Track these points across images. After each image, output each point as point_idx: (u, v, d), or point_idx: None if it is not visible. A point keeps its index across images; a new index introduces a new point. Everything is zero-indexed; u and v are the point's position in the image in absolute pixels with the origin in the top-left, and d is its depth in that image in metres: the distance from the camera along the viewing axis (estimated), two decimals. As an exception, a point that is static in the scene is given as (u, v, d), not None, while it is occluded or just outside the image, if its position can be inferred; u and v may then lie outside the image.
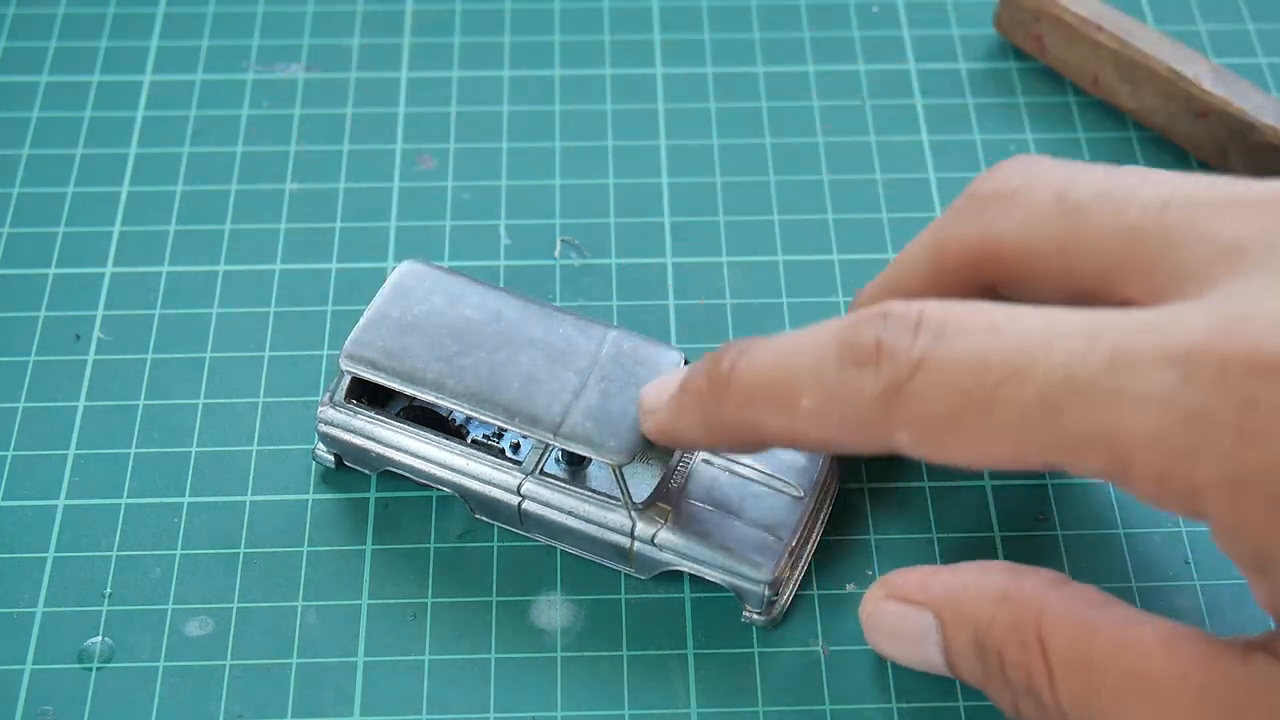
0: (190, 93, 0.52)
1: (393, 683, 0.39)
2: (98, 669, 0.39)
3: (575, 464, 0.40)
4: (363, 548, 0.41)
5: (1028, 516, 0.42)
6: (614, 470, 0.39)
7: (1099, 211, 0.33)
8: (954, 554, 0.41)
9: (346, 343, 0.40)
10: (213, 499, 0.42)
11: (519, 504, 0.40)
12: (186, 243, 0.48)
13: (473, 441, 0.41)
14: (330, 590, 0.41)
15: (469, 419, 0.42)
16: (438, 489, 0.42)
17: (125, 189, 0.49)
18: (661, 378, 0.38)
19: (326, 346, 0.46)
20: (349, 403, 0.41)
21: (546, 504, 0.40)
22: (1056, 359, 0.30)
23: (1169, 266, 0.31)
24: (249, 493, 0.42)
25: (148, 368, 0.45)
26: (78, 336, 0.46)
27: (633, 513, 0.39)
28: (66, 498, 0.42)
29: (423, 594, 0.41)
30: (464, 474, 0.41)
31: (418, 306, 0.40)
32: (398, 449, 0.41)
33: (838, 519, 0.42)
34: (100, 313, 0.46)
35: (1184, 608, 0.40)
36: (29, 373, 0.45)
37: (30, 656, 0.39)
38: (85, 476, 0.43)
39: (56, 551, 0.41)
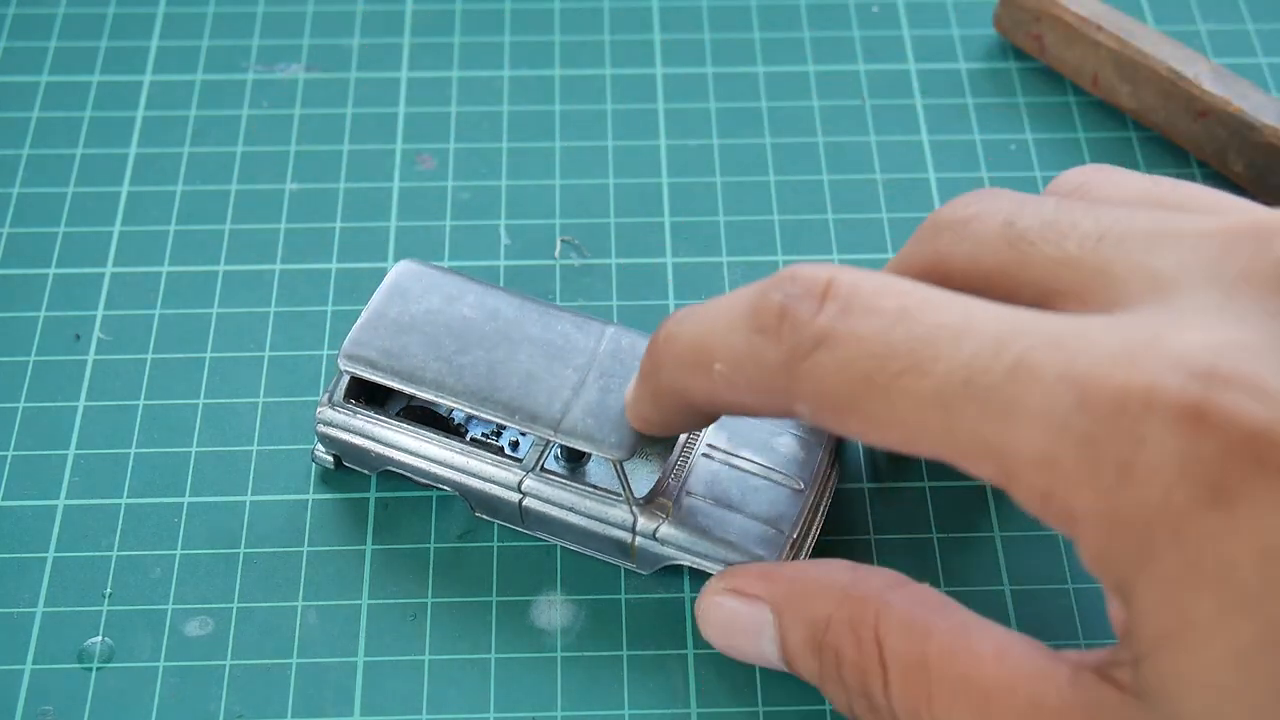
0: (190, 93, 0.52)
1: (393, 683, 0.39)
2: (98, 669, 0.39)
3: (575, 460, 0.40)
4: (363, 548, 0.41)
5: (1027, 516, 0.42)
6: (615, 466, 0.39)
7: (1041, 240, 0.33)
8: (954, 554, 0.41)
9: (345, 343, 0.40)
10: (213, 499, 0.42)
11: (520, 501, 0.40)
12: (186, 243, 0.48)
13: (472, 440, 0.41)
14: (330, 590, 0.41)
15: (469, 417, 0.42)
16: (438, 488, 0.42)
17: (125, 189, 0.49)
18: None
19: (326, 346, 0.46)
20: (348, 403, 0.41)
21: (547, 501, 0.40)
22: (959, 358, 0.30)
23: (1101, 295, 0.31)
24: (249, 493, 0.42)
25: (148, 368, 0.45)
26: (78, 336, 0.46)
27: (634, 508, 0.39)
28: (66, 498, 0.42)
29: (423, 594, 0.41)
30: (464, 472, 0.41)
31: (415, 306, 0.40)
32: (397, 448, 0.41)
33: (838, 519, 0.42)
34: (100, 313, 0.46)
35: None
36: (29, 373, 0.45)
37: (30, 656, 0.39)
38: (85, 476, 0.43)
39: (56, 551, 0.41)
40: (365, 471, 0.42)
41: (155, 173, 0.50)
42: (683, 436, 0.40)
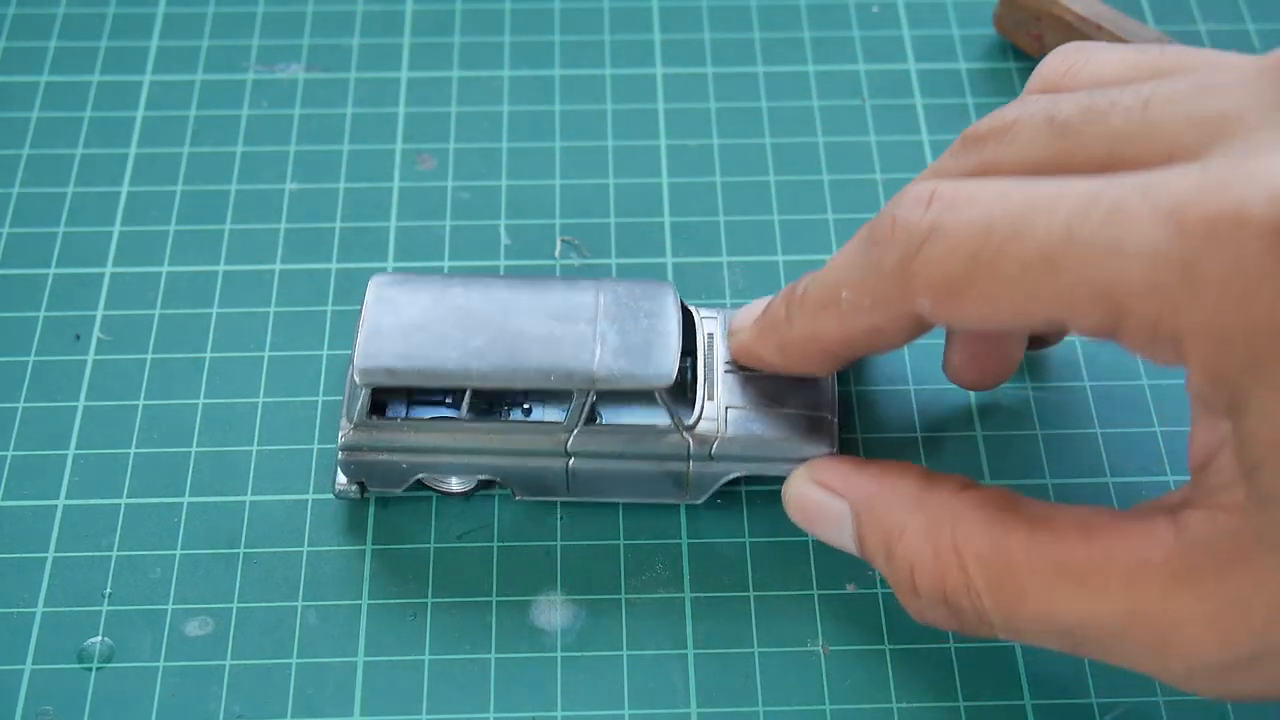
0: (190, 93, 0.52)
1: (393, 683, 0.39)
2: (98, 669, 0.39)
3: (614, 406, 0.41)
4: (363, 548, 0.41)
5: (1028, 516, 0.42)
6: (659, 395, 0.39)
7: (1087, 124, 0.34)
8: (954, 554, 0.41)
9: (356, 360, 0.39)
10: (213, 499, 0.42)
11: (568, 465, 0.40)
12: (186, 243, 0.48)
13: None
14: (330, 590, 0.41)
15: (490, 407, 0.42)
16: (474, 490, 0.41)
17: (125, 189, 0.49)
18: (747, 306, 0.41)
19: (326, 346, 0.46)
20: (372, 419, 0.40)
21: (596, 455, 0.40)
22: (1058, 218, 0.31)
23: (1164, 152, 0.32)
24: (249, 493, 0.42)
25: (148, 368, 0.45)
26: (78, 336, 0.46)
27: (685, 433, 0.40)
28: (66, 498, 0.42)
29: (423, 594, 0.41)
30: (506, 453, 0.40)
31: (408, 310, 0.40)
32: (432, 451, 0.40)
33: (838, 519, 0.42)
34: (100, 313, 0.46)
35: (1184, 608, 0.40)
36: (29, 373, 0.45)
37: (30, 656, 0.39)
38: (85, 476, 0.43)
39: (56, 551, 0.41)
40: (391, 491, 0.42)
41: (155, 173, 0.50)
42: (704, 355, 0.41)
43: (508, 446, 0.40)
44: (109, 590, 0.41)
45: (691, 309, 0.42)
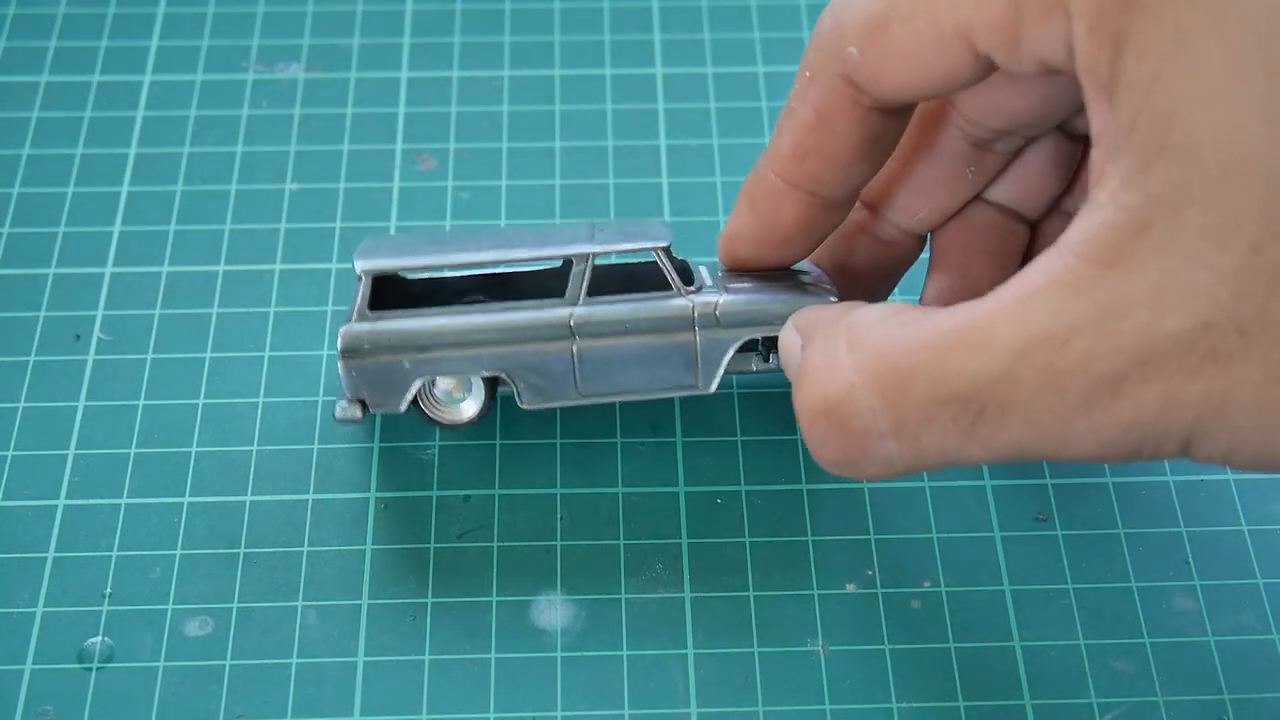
0: (190, 93, 0.52)
1: (393, 683, 0.39)
2: (98, 669, 0.39)
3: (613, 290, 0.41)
4: (363, 548, 0.41)
5: (1028, 516, 0.42)
6: (659, 257, 0.40)
7: None
8: (954, 553, 0.41)
9: (356, 252, 0.40)
10: (213, 499, 0.42)
11: (574, 348, 0.40)
12: (186, 243, 0.48)
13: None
14: (330, 590, 0.41)
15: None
16: (480, 413, 0.41)
17: (125, 189, 0.49)
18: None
19: (326, 346, 0.46)
20: (373, 313, 0.40)
21: (600, 331, 0.40)
22: None
23: None
24: (249, 493, 0.42)
25: (148, 368, 0.45)
26: (78, 336, 0.46)
27: (689, 296, 0.40)
28: (66, 498, 0.42)
29: (423, 594, 0.41)
30: (511, 339, 0.40)
31: (402, 243, 0.41)
32: (435, 346, 0.40)
33: (839, 521, 0.42)
34: (100, 313, 0.46)
35: (1184, 608, 0.40)
36: (29, 373, 0.45)
37: (30, 656, 0.39)
38: (85, 476, 0.43)
39: (56, 551, 0.41)
40: (392, 409, 0.41)
41: (155, 173, 0.50)
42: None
43: (511, 331, 0.40)
44: (109, 590, 0.41)
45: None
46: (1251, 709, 0.39)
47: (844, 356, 0.33)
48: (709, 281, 0.41)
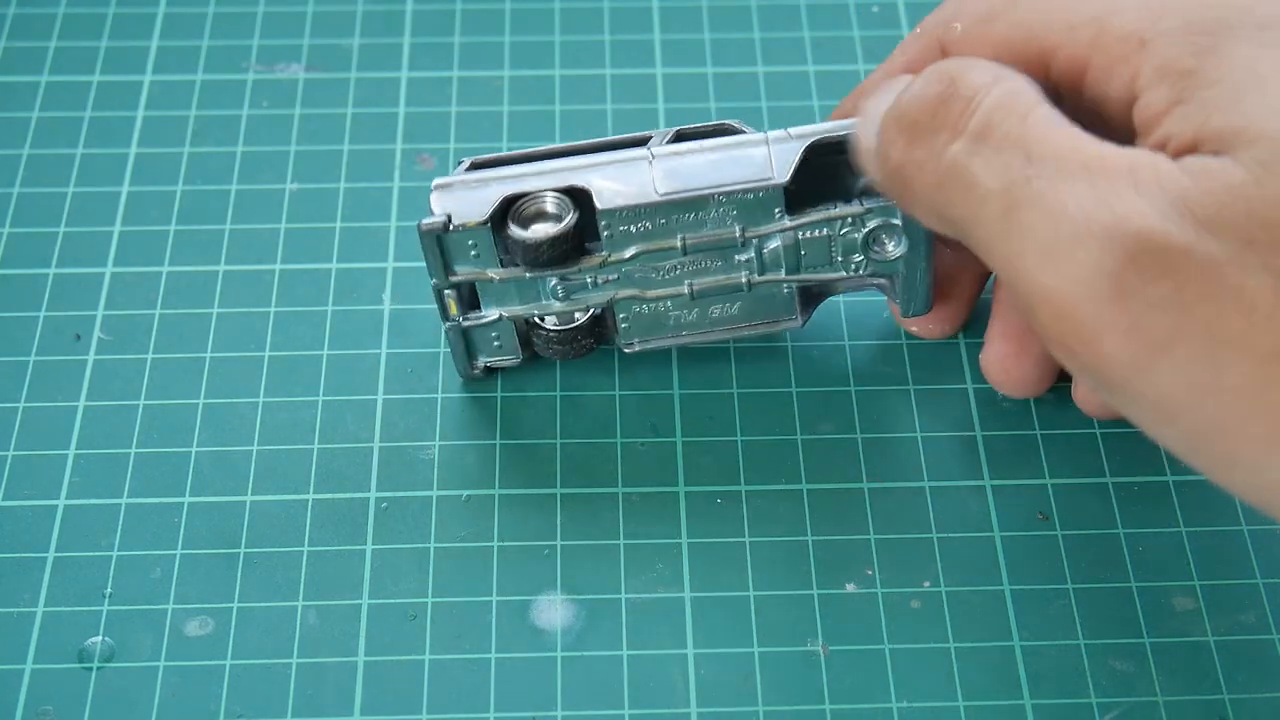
0: (190, 93, 0.52)
1: (393, 683, 0.39)
2: (98, 669, 0.39)
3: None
4: (363, 547, 0.41)
5: (1028, 516, 0.42)
6: (736, 124, 0.40)
7: None
8: (954, 554, 0.41)
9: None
10: (213, 499, 0.42)
11: (651, 157, 0.40)
12: (186, 243, 0.48)
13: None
14: (330, 590, 0.41)
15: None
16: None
17: (125, 189, 0.49)
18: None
19: (326, 346, 0.46)
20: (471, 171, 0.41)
21: (682, 169, 0.40)
22: None
23: None
24: (249, 493, 0.42)
25: (148, 368, 0.45)
26: (78, 336, 0.46)
27: (763, 131, 0.40)
28: (66, 498, 0.42)
29: (423, 594, 0.41)
30: (595, 162, 0.40)
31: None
32: (524, 172, 0.41)
33: (839, 516, 0.42)
34: (100, 313, 0.46)
35: (1184, 608, 0.40)
36: (29, 373, 0.45)
37: (30, 656, 0.39)
38: (85, 476, 0.43)
39: (56, 551, 0.41)
40: (477, 219, 0.40)
41: (155, 173, 0.50)
42: None
43: (595, 159, 0.40)
44: (109, 590, 0.41)
45: None
46: (1251, 709, 0.39)
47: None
48: None
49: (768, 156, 0.40)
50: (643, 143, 0.41)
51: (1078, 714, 0.39)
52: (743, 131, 0.40)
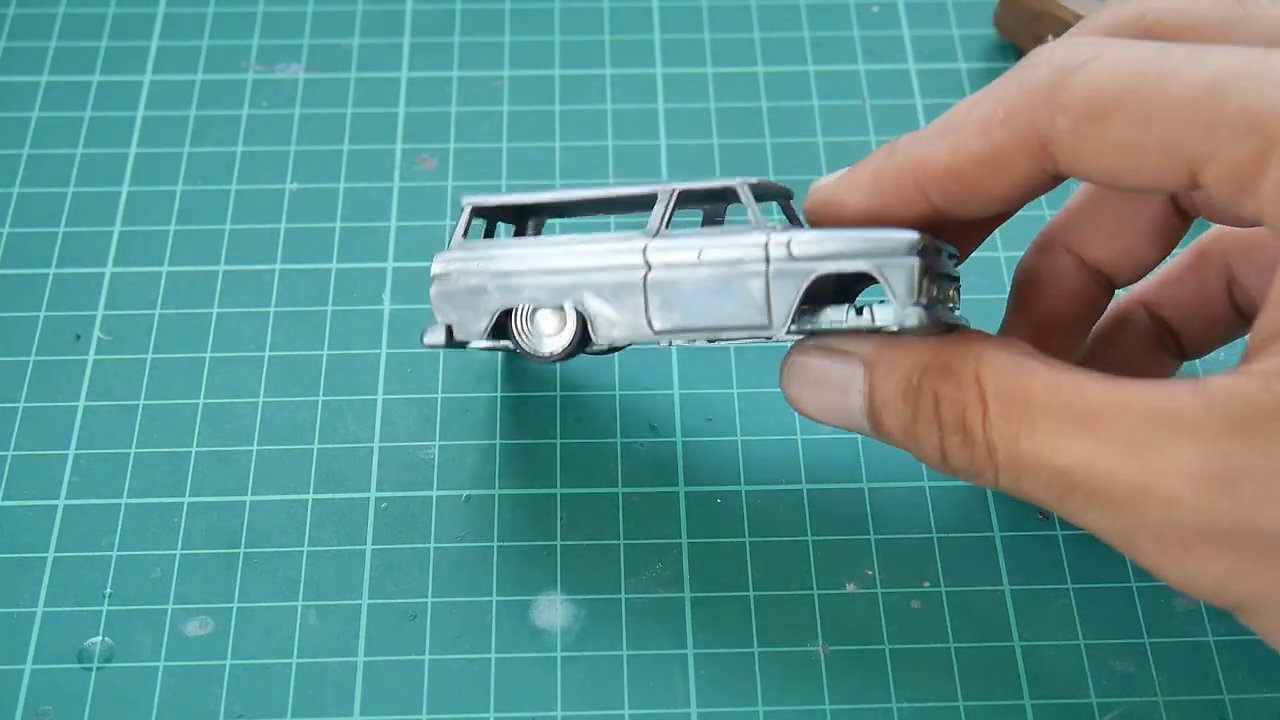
0: (190, 93, 0.52)
1: (393, 683, 0.39)
2: (98, 669, 0.39)
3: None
4: (363, 547, 0.41)
5: (1028, 516, 0.42)
6: (741, 191, 0.39)
7: (1270, 3, 0.34)
8: (954, 554, 0.41)
9: (463, 199, 0.41)
10: (213, 499, 0.42)
11: (645, 276, 0.39)
12: (186, 243, 0.48)
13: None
14: (330, 590, 0.41)
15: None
16: (569, 350, 0.40)
17: (125, 189, 0.49)
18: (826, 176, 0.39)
19: (326, 346, 0.46)
20: (465, 240, 0.41)
21: (674, 262, 0.39)
22: (1234, 58, 0.31)
23: None
24: (249, 493, 0.42)
25: (148, 368, 0.45)
26: (78, 336, 0.46)
27: (765, 231, 0.38)
28: (66, 498, 0.42)
29: (423, 594, 0.41)
30: (588, 264, 0.39)
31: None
32: (519, 273, 0.40)
33: (839, 517, 0.42)
34: (100, 313, 0.46)
35: (1184, 608, 0.40)
36: (29, 373, 0.45)
37: (30, 656, 0.39)
38: (85, 476, 0.43)
39: (56, 551, 0.41)
40: (475, 337, 0.40)
41: (155, 173, 0.50)
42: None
43: (587, 258, 0.39)
44: (109, 590, 0.41)
45: None
46: (1251, 709, 0.39)
47: (974, 384, 0.35)
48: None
49: (766, 296, 0.38)
50: (646, 202, 0.40)
51: (1078, 714, 0.39)
52: (742, 203, 0.39)
